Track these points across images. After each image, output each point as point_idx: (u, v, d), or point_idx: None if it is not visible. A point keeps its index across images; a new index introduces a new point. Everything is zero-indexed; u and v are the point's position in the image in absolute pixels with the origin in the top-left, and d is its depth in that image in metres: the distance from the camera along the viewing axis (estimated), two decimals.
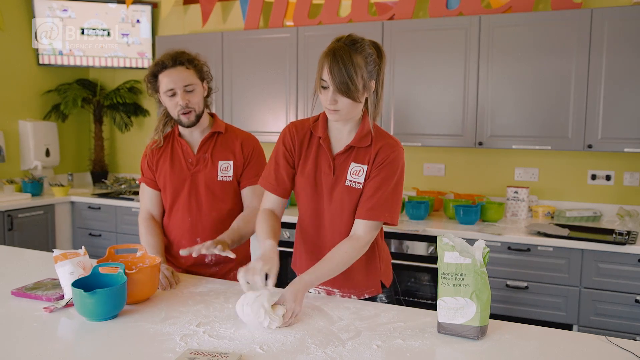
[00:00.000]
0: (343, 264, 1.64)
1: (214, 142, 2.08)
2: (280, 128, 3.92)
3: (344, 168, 1.71)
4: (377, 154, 1.68)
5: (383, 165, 1.67)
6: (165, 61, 1.95)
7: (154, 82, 2.00)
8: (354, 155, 1.71)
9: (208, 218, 2.06)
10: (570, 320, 2.95)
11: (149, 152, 2.13)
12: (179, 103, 1.96)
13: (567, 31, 3.13)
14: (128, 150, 5.09)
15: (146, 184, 2.14)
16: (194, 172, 2.06)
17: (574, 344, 1.38)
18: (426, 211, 3.43)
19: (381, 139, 1.70)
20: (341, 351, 1.30)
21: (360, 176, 1.69)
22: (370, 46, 1.63)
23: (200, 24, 4.47)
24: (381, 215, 1.65)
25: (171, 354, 1.27)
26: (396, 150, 1.68)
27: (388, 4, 3.81)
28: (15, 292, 1.69)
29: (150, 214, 2.13)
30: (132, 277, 1.57)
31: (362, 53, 1.59)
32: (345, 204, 1.71)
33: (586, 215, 3.39)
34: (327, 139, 1.75)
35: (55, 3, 4.46)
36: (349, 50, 1.58)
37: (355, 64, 1.57)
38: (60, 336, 1.44)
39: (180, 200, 2.07)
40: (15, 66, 4.45)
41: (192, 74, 1.98)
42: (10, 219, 3.86)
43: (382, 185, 1.66)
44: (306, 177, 1.76)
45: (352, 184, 1.70)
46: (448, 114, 3.44)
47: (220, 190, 2.06)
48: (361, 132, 1.70)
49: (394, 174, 1.67)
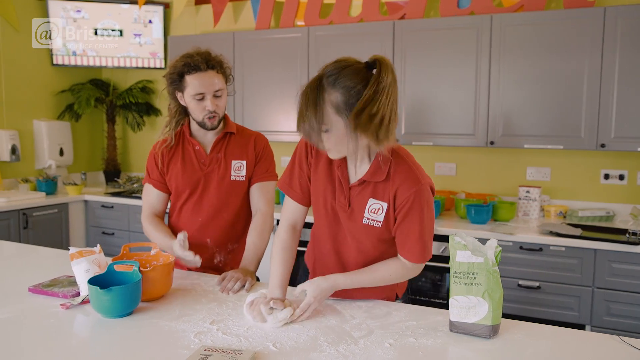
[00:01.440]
0: (383, 281, 1.59)
1: (226, 143, 2.07)
2: (291, 127, 3.94)
3: (360, 202, 1.57)
4: (396, 193, 1.52)
5: (407, 208, 1.51)
6: (197, 63, 1.89)
7: (178, 81, 1.93)
8: (371, 191, 1.55)
9: (219, 218, 2.06)
10: (583, 320, 2.93)
11: (159, 153, 2.07)
12: (208, 108, 1.93)
13: (579, 30, 3.11)
14: (140, 150, 5.13)
15: (154, 186, 2.09)
16: (207, 172, 2.04)
17: (586, 343, 1.38)
18: (437, 210, 3.43)
19: (399, 173, 1.52)
20: (354, 349, 1.31)
21: (379, 214, 1.55)
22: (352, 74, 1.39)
23: (212, 24, 4.49)
24: (421, 257, 1.58)
25: (186, 350, 1.29)
26: (416, 185, 1.50)
27: (399, 3, 3.81)
28: (32, 289, 1.72)
29: (154, 214, 2.10)
30: (146, 274, 1.59)
31: (339, 86, 1.38)
32: (363, 239, 1.61)
33: (599, 215, 3.37)
34: (342, 165, 1.59)
35: (69, 4, 4.50)
36: (320, 87, 1.40)
37: (327, 101, 1.39)
38: (76, 332, 1.46)
39: (192, 200, 2.06)
40: (29, 67, 4.50)
41: (221, 79, 1.95)
42: (26, 217, 3.90)
43: (411, 229, 1.53)
44: (321, 198, 1.64)
45: (370, 222, 1.56)
46: (459, 113, 3.44)
47: (232, 190, 2.05)
48: (374, 166, 1.53)
49: (422, 214, 1.52)
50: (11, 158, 4.27)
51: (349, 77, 1.39)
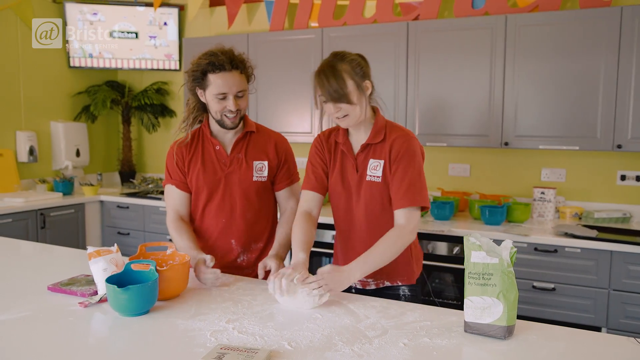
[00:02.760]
0: (391, 252, 1.73)
1: (247, 142, 2.06)
2: (304, 128, 3.96)
3: (365, 165, 1.85)
4: (391, 147, 1.80)
5: (400, 157, 1.78)
6: (222, 63, 1.88)
7: (200, 79, 1.91)
8: (371, 152, 1.84)
9: (242, 219, 2.05)
10: (598, 323, 2.91)
11: (177, 152, 2.05)
12: (229, 108, 1.92)
13: (595, 29, 3.09)
14: (155, 151, 5.18)
15: (176, 186, 2.06)
16: (228, 172, 2.03)
17: (602, 345, 1.37)
18: (451, 212, 3.42)
19: (393, 133, 1.82)
20: (368, 348, 1.32)
21: (378, 170, 1.82)
22: (352, 55, 1.78)
23: (226, 26, 4.53)
24: (414, 199, 1.75)
25: (202, 349, 1.30)
26: (408, 139, 1.80)
27: (413, 4, 3.81)
28: (51, 287, 1.75)
29: (179, 216, 2.06)
30: (163, 274, 1.61)
31: (345, 60, 1.75)
32: (369, 198, 1.84)
33: (615, 216, 3.34)
34: (346, 143, 1.89)
35: (85, 7, 4.56)
36: (332, 62, 1.75)
37: (340, 70, 1.73)
38: (94, 330, 1.48)
39: (214, 201, 2.04)
40: (47, 69, 4.57)
41: (244, 79, 1.94)
42: (43, 217, 3.96)
43: (405, 174, 1.77)
44: (335, 178, 1.91)
45: (372, 179, 1.83)
46: (473, 114, 3.43)
47: (254, 190, 2.05)
48: (374, 130, 1.84)
49: (413, 162, 1.77)
50: (29, 159, 4.34)
51: (346, 55, 1.77)
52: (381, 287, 1.93)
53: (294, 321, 1.50)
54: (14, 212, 3.77)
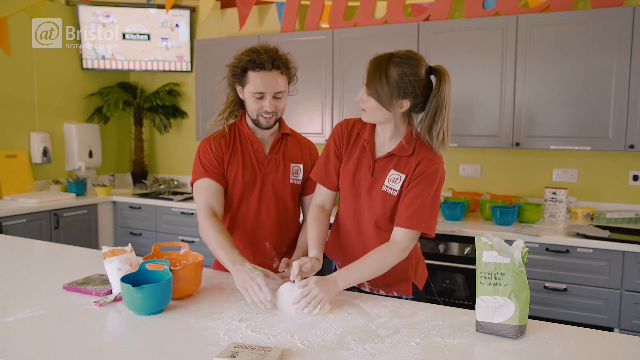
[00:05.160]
0: (378, 267, 1.69)
1: (284, 144, 2.02)
2: (315, 129, 3.97)
3: (382, 172, 1.77)
4: (417, 165, 1.72)
5: (422, 177, 1.71)
6: (263, 62, 1.84)
7: (240, 75, 1.87)
8: (394, 163, 1.76)
9: (275, 220, 2.00)
10: (611, 323, 2.89)
11: (215, 144, 1.94)
12: (265, 108, 1.87)
13: (607, 29, 3.07)
14: (167, 152, 5.21)
15: (213, 179, 1.91)
16: (265, 172, 1.97)
17: (614, 345, 1.37)
18: (462, 212, 3.42)
19: (423, 152, 1.74)
20: (381, 347, 1.33)
21: (397, 184, 1.75)
22: (414, 67, 1.65)
23: (238, 28, 4.55)
24: (419, 225, 1.69)
25: (216, 347, 1.32)
26: (436, 163, 1.73)
27: (424, 5, 3.81)
28: (67, 286, 1.77)
29: (213, 211, 1.88)
30: (176, 273, 1.63)
31: (399, 68, 1.64)
32: (379, 207, 1.78)
33: (627, 217, 3.32)
34: (371, 142, 1.81)
35: (98, 9, 4.61)
36: (389, 61, 1.65)
37: (387, 73, 1.64)
38: (109, 329, 1.51)
39: (249, 201, 1.97)
40: (60, 71, 4.62)
41: (284, 80, 1.90)
42: (57, 217, 4.01)
43: (420, 195, 1.70)
44: (346, 173, 1.83)
45: (388, 190, 1.76)
46: (485, 114, 3.42)
47: (289, 192, 2.01)
48: (404, 142, 1.74)
49: (430, 186, 1.71)
50: (43, 160, 4.40)
51: (410, 66, 1.64)
52: (375, 293, 1.88)
53: (306, 320, 1.52)
54: (28, 213, 3.82)
